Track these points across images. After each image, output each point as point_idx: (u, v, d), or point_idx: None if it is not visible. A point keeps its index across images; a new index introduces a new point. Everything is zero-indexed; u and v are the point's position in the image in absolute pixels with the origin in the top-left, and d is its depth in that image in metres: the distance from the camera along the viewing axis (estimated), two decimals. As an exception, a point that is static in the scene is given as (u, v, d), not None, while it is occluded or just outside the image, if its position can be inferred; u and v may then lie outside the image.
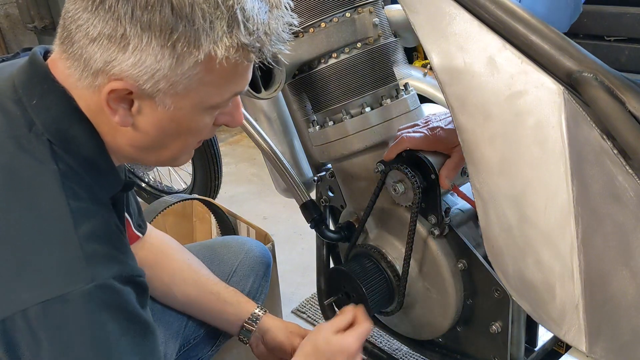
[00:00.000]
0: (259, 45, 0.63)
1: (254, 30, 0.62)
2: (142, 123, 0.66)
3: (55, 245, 0.60)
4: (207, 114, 0.69)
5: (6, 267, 0.59)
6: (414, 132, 0.98)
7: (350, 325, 0.94)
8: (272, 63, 0.66)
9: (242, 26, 0.61)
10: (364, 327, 0.94)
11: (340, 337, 0.91)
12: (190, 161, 2.14)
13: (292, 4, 0.69)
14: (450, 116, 0.90)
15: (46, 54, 0.69)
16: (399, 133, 1.00)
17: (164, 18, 0.58)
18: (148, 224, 1.04)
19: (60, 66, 0.66)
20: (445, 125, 0.97)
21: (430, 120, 1.00)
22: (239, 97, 0.74)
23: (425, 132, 0.97)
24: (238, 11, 0.60)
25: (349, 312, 0.96)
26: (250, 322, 1.04)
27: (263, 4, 0.63)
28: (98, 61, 0.61)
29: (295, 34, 1.01)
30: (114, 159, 0.71)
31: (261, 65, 0.86)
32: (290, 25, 0.68)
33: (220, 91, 0.67)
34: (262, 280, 1.17)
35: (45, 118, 0.65)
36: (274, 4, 0.65)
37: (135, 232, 0.99)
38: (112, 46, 0.60)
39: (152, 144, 0.70)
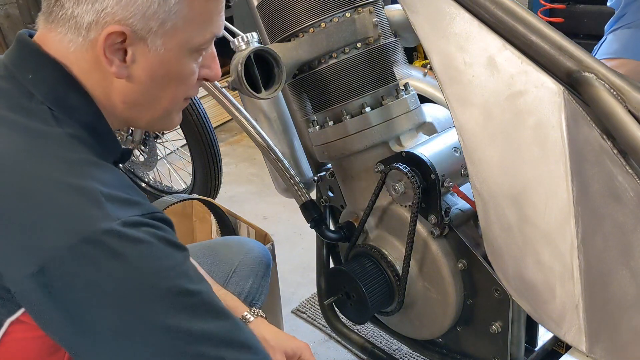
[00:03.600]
0: None
1: None
2: (136, 72, 0.70)
3: (73, 192, 0.61)
4: (191, 58, 0.73)
5: (27, 218, 0.60)
6: None
7: None
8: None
9: None
10: None
11: None
12: (190, 161, 2.14)
13: None
14: None
15: (31, 36, 0.72)
16: None
17: None
18: None
19: (50, 37, 0.69)
20: None
21: None
22: (214, 50, 0.78)
23: None
24: None
25: None
26: None
27: None
28: (90, 13, 0.65)
29: (296, 34, 1.01)
30: (110, 123, 0.73)
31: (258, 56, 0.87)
32: None
33: (201, 31, 0.72)
34: (261, 281, 1.17)
35: (42, 89, 0.68)
36: None
37: None
38: None
39: (144, 97, 0.73)
